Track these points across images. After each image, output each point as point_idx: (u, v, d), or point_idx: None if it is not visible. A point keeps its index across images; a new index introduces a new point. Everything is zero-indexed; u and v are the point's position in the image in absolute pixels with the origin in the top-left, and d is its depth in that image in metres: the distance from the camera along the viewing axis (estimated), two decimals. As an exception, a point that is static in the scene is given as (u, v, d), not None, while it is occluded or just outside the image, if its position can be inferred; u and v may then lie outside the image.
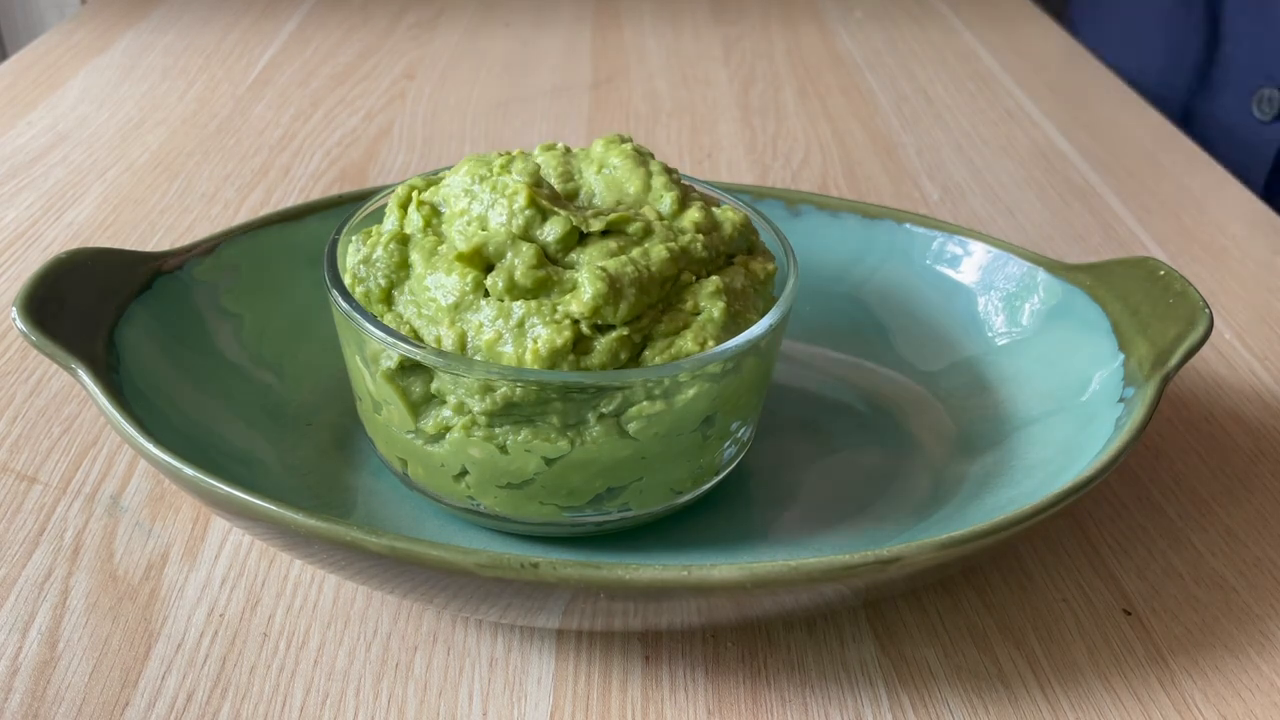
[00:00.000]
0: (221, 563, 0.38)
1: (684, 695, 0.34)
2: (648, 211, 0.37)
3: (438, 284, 0.34)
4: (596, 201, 0.38)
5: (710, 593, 0.29)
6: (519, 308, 0.33)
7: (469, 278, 0.34)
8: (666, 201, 0.38)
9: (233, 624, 0.35)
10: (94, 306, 0.37)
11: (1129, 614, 0.37)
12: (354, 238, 0.38)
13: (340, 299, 0.35)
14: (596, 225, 0.35)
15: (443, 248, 0.36)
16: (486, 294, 0.34)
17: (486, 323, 0.34)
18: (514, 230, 0.35)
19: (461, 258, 0.34)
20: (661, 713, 0.33)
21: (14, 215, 0.61)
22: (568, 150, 0.40)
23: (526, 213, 0.35)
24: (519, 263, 0.34)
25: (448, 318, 0.34)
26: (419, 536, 0.32)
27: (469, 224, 0.36)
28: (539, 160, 0.39)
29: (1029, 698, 0.34)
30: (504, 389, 0.33)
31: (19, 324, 0.35)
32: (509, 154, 0.39)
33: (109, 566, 0.37)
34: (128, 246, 0.42)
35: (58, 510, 0.40)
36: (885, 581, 0.31)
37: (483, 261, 0.34)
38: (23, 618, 0.35)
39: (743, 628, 0.36)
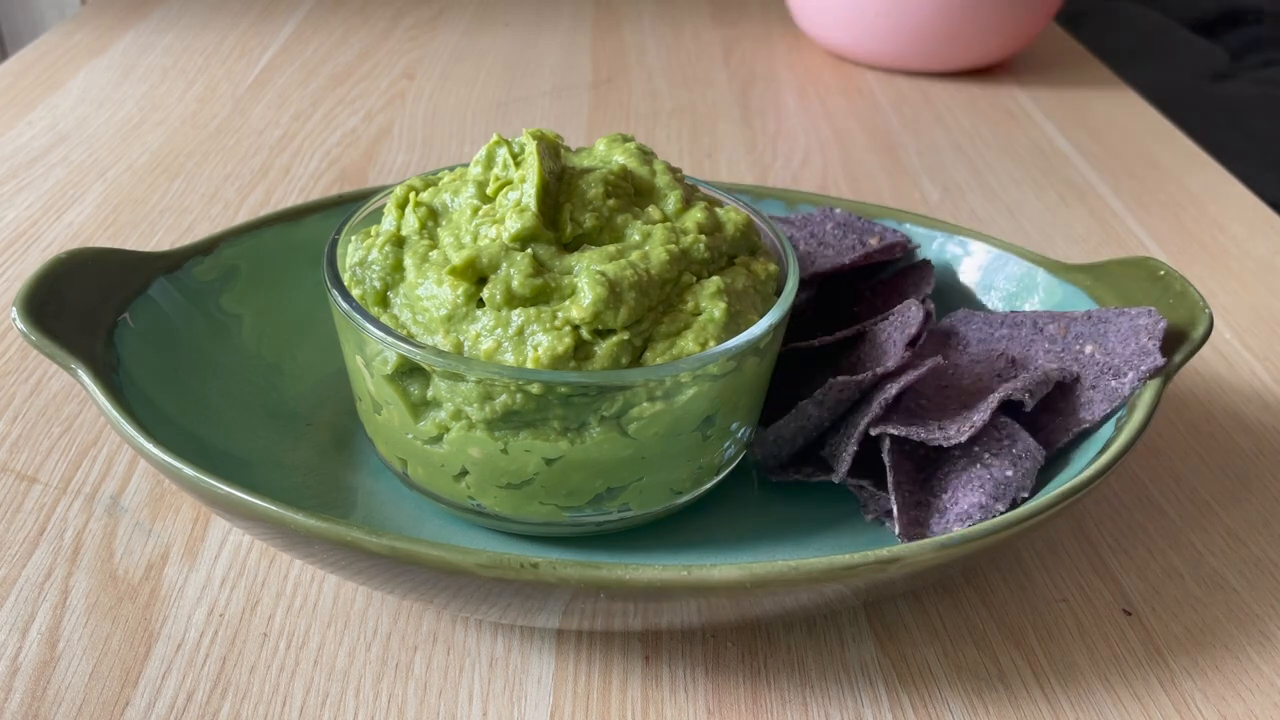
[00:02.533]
0: (221, 563, 0.38)
1: (684, 695, 0.34)
2: (652, 211, 0.37)
3: (429, 294, 0.34)
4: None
5: (710, 593, 0.29)
6: (518, 316, 0.33)
7: (460, 290, 0.34)
8: (671, 200, 0.38)
9: (233, 624, 0.35)
10: (94, 306, 0.37)
11: (1129, 614, 0.37)
12: (354, 238, 0.38)
13: (340, 299, 0.35)
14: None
15: (434, 254, 0.35)
16: (481, 304, 0.34)
17: (484, 332, 0.33)
18: (506, 240, 0.35)
19: (454, 272, 0.34)
20: (661, 713, 0.33)
21: (14, 215, 0.61)
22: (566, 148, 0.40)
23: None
24: (515, 273, 0.34)
25: (442, 328, 0.34)
26: (419, 536, 0.32)
27: (463, 232, 0.36)
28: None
29: (1029, 698, 0.34)
30: (504, 398, 0.33)
31: (19, 324, 0.35)
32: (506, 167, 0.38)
33: (109, 566, 0.37)
34: (128, 246, 0.42)
35: (58, 510, 0.40)
36: (885, 581, 0.31)
37: (475, 274, 0.34)
38: (23, 618, 0.35)
39: (743, 628, 0.36)
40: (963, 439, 0.35)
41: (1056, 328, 0.41)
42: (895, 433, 0.36)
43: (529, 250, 0.34)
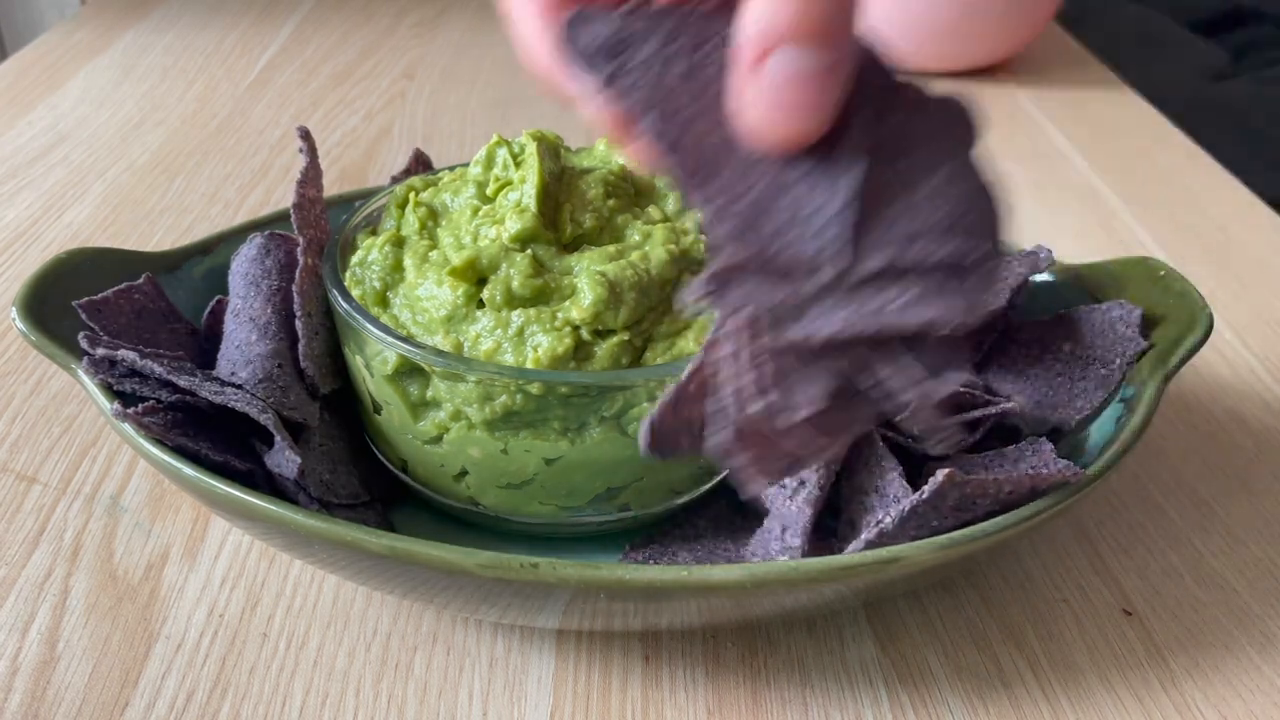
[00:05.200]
0: (221, 563, 0.38)
1: (684, 695, 0.34)
2: (652, 211, 0.37)
3: (429, 294, 0.34)
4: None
5: (710, 593, 0.29)
6: (518, 316, 0.33)
7: (460, 291, 0.34)
8: (671, 200, 0.38)
9: (232, 624, 0.35)
10: (94, 306, 0.37)
11: (1129, 614, 0.37)
12: (355, 237, 0.38)
13: (340, 299, 0.35)
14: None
15: (434, 254, 0.35)
16: (481, 304, 0.34)
17: (484, 333, 0.33)
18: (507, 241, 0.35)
19: (454, 272, 0.34)
20: (661, 713, 0.33)
21: (14, 215, 0.61)
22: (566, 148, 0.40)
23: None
24: (515, 273, 0.34)
25: (442, 328, 0.34)
26: (419, 536, 0.32)
27: (462, 233, 0.36)
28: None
29: (1029, 698, 0.34)
30: (504, 399, 0.33)
31: (19, 324, 0.35)
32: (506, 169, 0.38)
33: (109, 566, 0.37)
34: (128, 246, 0.42)
35: (57, 510, 0.40)
36: (885, 581, 0.31)
37: (475, 275, 0.34)
38: (22, 618, 0.35)
39: (743, 628, 0.36)
40: (946, 451, 0.35)
41: (1029, 333, 0.41)
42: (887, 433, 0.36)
43: (529, 251, 0.34)
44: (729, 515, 0.38)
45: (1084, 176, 0.71)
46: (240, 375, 0.35)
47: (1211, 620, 0.37)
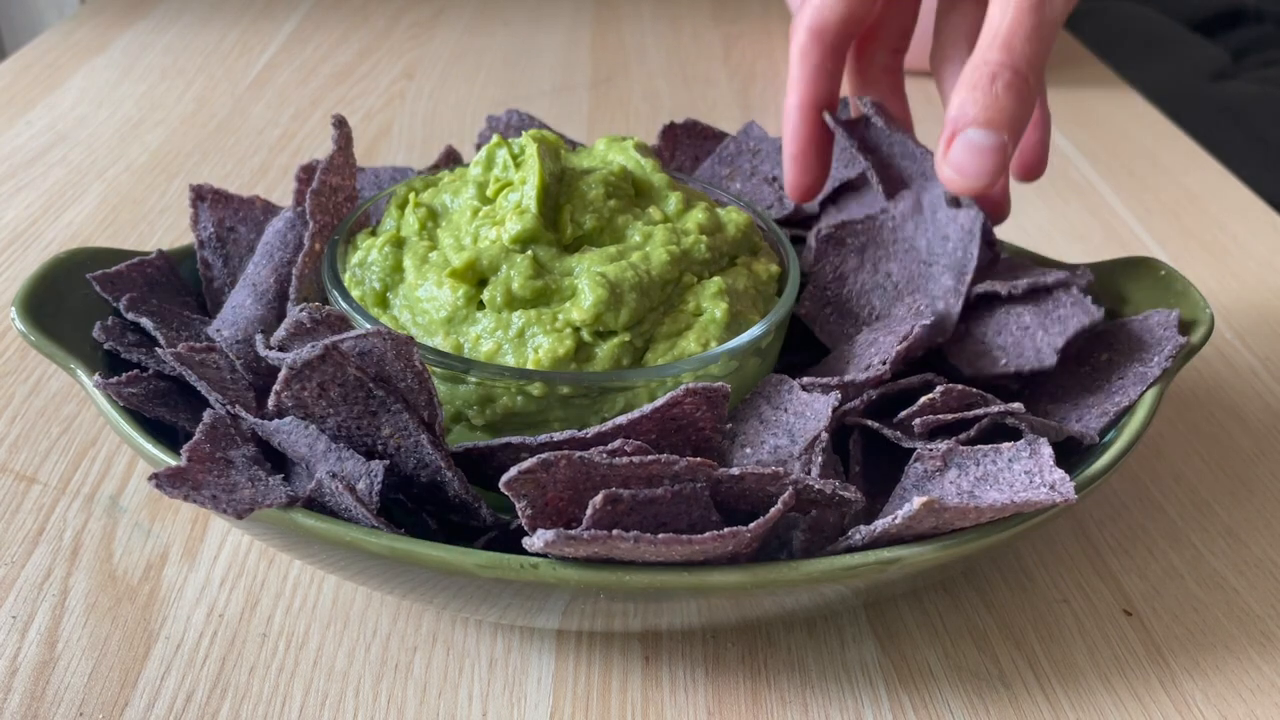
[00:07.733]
0: (221, 563, 0.38)
1: (684, 695, 0.34)
2: (653, 211, 0.37)
3: (429, 296, 0.34)
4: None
5: (711, 593, 0.29)
6: (518, 317, 0.33)
7: (460, 292, 0.34)
8: (671, 201, 0.38)
9: (232, 624, 0.35)
10: (93, 306, 0.37)
11: (1129, 614, 0.37)
12: (356, 236, 0.38)
13: (340, 299, 0.35)
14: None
15: (434, 255, 0.35)
16: (481, 305, 0.34)
17: (485, 334, 0.33)
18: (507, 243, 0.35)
19: (455, 274, 0.34)
20: (661, 713, 0.33)
21: (13, 215, 0.61)
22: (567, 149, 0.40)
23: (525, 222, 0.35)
24: (515, 274, 0.34)
25: (442, 330, 0.34)
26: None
27: (463, 234, 0.36)
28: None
29: (1029, 698, 0.34)
30: (504, 400, 0.33)
31: (18, 324, 0.35)
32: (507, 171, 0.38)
33: (108, 567, 0.37)
34: (127, 246, 0.42)
35: (57, 510, 0.40)
36: (885, 582, 0.31)
37: (476, 276, 0.34)
38: (22, 618, 0.35)
39: (743, 628, 0.36)
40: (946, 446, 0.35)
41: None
42: (869, 424, 0.35)
43: (529, 252, 0.34)
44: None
45: (1084, 176, 0.71)
46: (224, 334, 0.35)
47: (1212, 620, 0.37)
